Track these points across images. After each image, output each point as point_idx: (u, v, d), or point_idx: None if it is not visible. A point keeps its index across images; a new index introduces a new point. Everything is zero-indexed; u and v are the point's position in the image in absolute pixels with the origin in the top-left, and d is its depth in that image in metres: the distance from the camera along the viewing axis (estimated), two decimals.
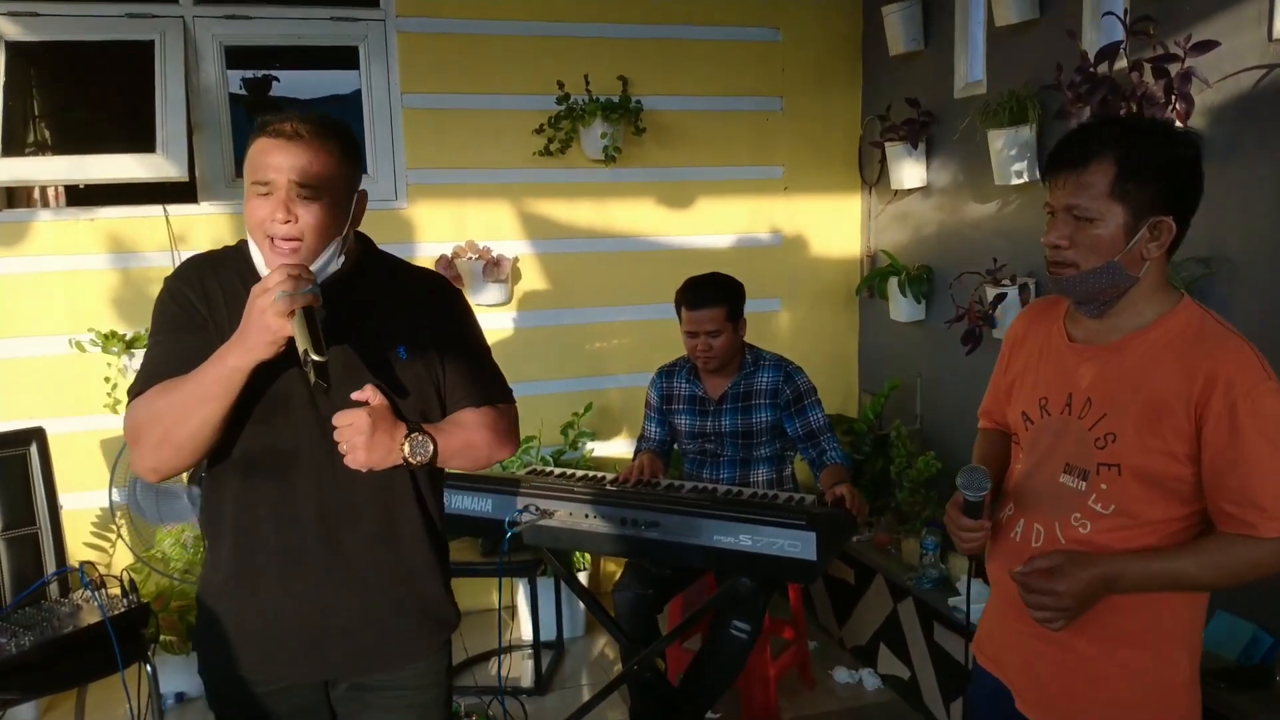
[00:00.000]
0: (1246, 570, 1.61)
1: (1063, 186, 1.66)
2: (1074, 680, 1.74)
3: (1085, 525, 1.70)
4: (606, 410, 4.47)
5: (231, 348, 1.59)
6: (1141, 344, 1.68)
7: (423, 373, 1.84)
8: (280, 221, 1.65)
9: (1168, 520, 1.66)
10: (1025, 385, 1.86)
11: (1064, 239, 1.66)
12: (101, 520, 3.95)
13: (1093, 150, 1.63)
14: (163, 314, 1.77)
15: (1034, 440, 1.82)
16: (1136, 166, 1.61)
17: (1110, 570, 1.63)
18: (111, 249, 3.88)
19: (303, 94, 7.22)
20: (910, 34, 4.13)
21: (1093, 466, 1.69)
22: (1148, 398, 1.64)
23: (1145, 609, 1.67)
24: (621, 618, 3.15)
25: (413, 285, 1.91)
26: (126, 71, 3.84)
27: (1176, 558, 1.63)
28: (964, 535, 1.83)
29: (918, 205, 4.26)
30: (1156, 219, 1.63)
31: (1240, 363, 1.59)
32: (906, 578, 3.56)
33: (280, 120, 1.68)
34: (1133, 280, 1.66)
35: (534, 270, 4.36)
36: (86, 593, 3.05)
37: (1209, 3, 2.79)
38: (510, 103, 4.23)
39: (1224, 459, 1.58)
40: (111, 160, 3.75)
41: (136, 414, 1.67)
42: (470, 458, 1.87)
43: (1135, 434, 1.64)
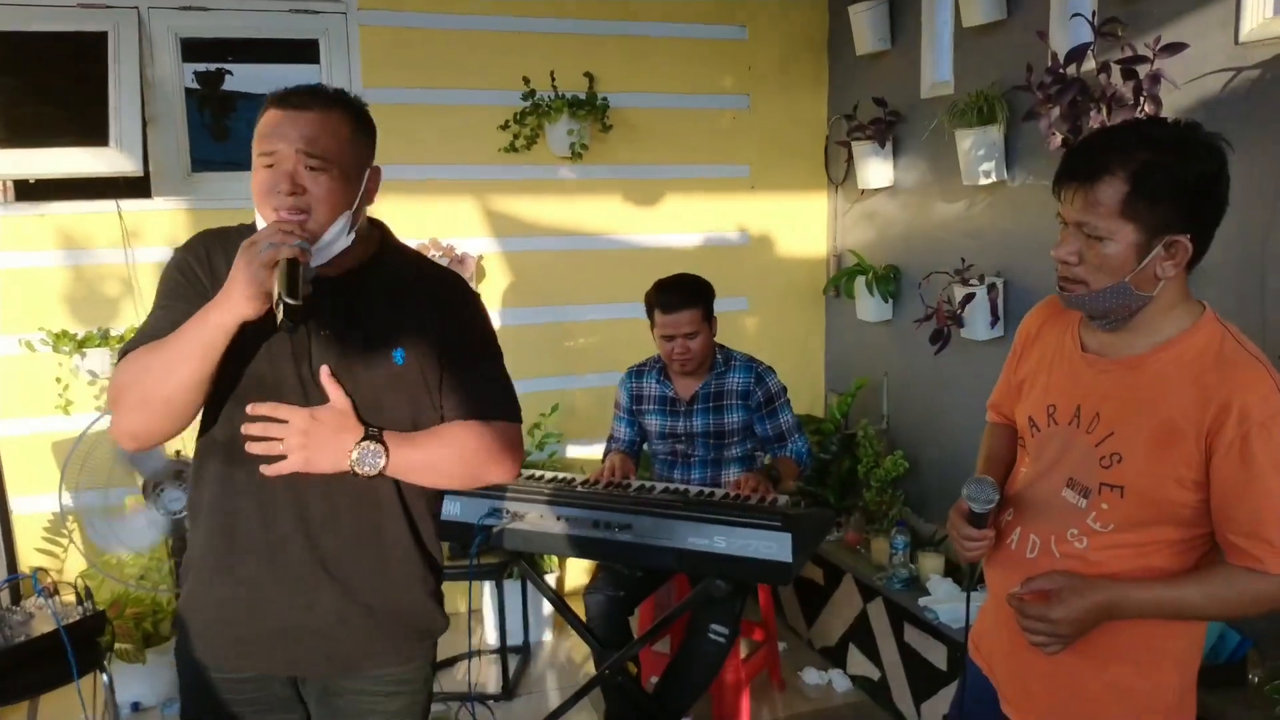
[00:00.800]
0: (1250, 604, 1.57)
1: (1071, 201, 1.58)
2: (1062, 694, 1.72)
3: (1082, 541, 1.66)
4: (573, 411, 4.43)
5: (216, 303, 1.56)
6: (1156, 363, 1.61)
7: (418, 378, 1.75)
8: (285, 193, 1.60)
9: (1168, 542, 1.62)
10: (1035, 388, 1.80)
11: (1073, 255, 1.59)
12: (53, 525, 3.83)
13: (1104, 165, 1.53)
14: (166, 282, 1.73)
15: (1039, 448, 1.77)
16: (1149, 185, 1.51)
17: (1111, 598, 1.60)
18: (63, 245, 3.76)
19: (257, 88, 7.10)
20: (877, 34, 4.12)
21: (1095, 485, 1.65)
22: (1159, 421, 1.58)
23: (1140, 627, 1.64)
24: (593, 621, 3.11)
25: (426, 284, 1.80)
26: (79, 63, 3.73)
27: (1180, 588, 1.59)
28: (967, 544, 1.78)
29: (885, 204, 4.26)
30: (1172, 238, 1.53)
31: (1257, 392, 1.52)
32: (876, 578, 3.55)
33: (290, 90, 1.65)
34: (1145, 299, 1.58)
35: (499, 269, 4.31)
36: (39, 600, 2.96)
37: (1176, 6, 2.80)
38: (475, 98, 4.17)
39: (1234, 490, 1.53)
40: (63, 154, 3.64)
41: (120, 374, 1.63)
42: (443, 476, 1.76)
43: (1143, 457, 1.59)
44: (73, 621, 2.85)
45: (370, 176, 1.72)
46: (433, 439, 1.74)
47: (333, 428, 1.65)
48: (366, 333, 1.72)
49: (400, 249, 1.85)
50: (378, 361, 1.72)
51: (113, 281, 3.81)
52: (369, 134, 1.74)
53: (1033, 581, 1.65)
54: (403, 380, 1.74)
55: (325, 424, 1.65)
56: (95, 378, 3.75)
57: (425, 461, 1.72)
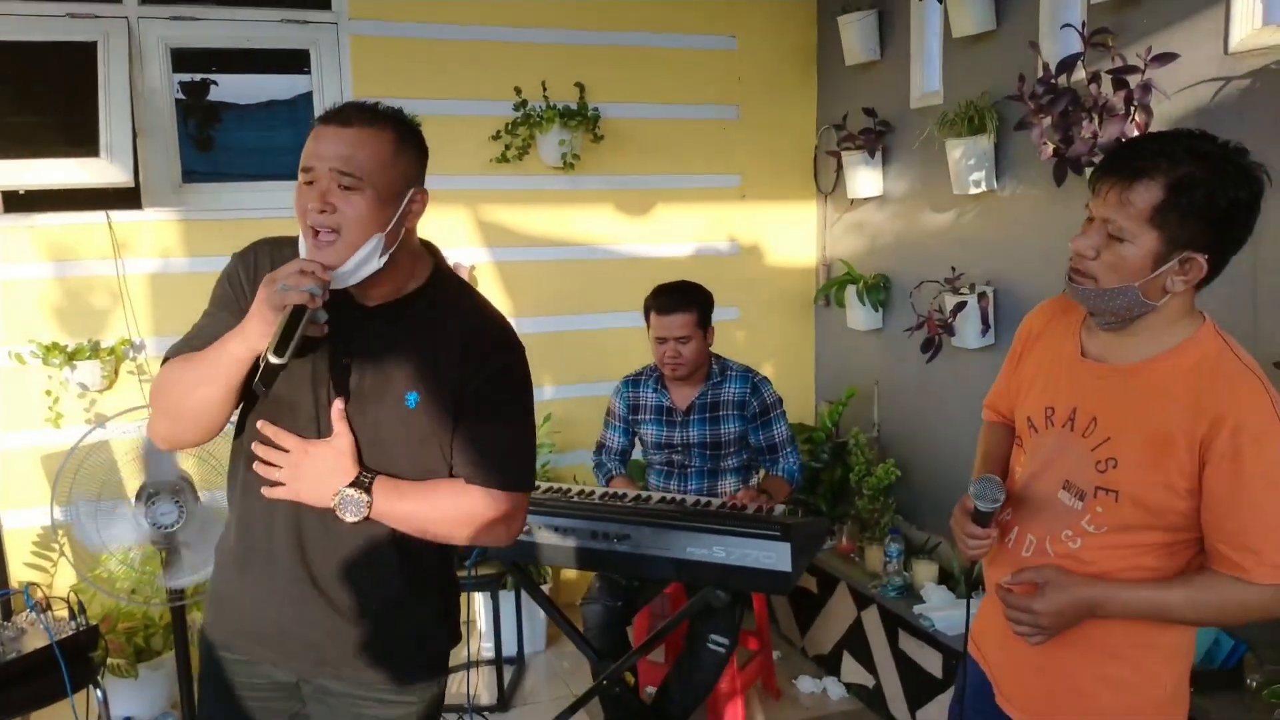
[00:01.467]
0: (1234, 612, 1.61)
1: (1104, 197, 1.58)
2: (1056, 688, 1.75)
3: (1075, 541, 1.69)
4: (565, 421, 4.42)
5: (236, 333, 1.58)
6: (1154, 372, 1.62)
7: (429, 425, 1.69)
8: (316, 211, 1.58)
9: (1157, 544, 1.64)
10: (1034, 389, 1.82)
11: (1091, 249, 1.59)
12: (42, 539, 3.79)
13: (1146, 169, 1.53)
14: (217, 288, 1.77)
15: (1036, 449, 1.79)
16: (1185, 199, 1.51)
17: (1094, 596, 1.63)
18: (52, 257, 3.73)
19: (242, 99, 7.08)
20: (866, 44, 4.15)
21: (1091, 489, 1.67)
22: (1154, 429, 1.59)
23: (1131, 623, 1.66)
24: (590, 631, 3.10)
25: (463, 329, 1.71)
26: (68, 74, 3.70)
27: (1164, 591, 1.62)
28: (970, 543, 1.79)
29: (874, 214, 4.28)
30: (1190, 255, 1.54)
31: (1251, 405, 1.54)
32: (871, 586, 3.56)
33: (340, 106, 1.64)
34: (1149, 308, 1.59)
35: (490, 278, 4.30)
36: (32, 615, 2.93)
37: (1165, 16, 2.84)
38: (466, 109, 4.17)
39: (1224, 501, 1.55)
40: (53, 165, 3.61)
41: (159, 378, 1.70)
42: (427, 533, 1.71)
43: (1137, 464, 1.61)
44: (66, 636, 2.83)
45: (413, 198, 1.67)
46: (425, 496, 1.69)
47: (325, 465, 1.65)
48: (385, 369, 1.69)
49: (449, 284, 1.78)
50: (390, 401, 1.68)
51: (103, 293, 3.79)
52: (415, 154, 1.70)
53: (1022, 574, 1.69)
54: (412, 424, 1.69)
55: (318, 460, 1.65)
56: (86, 390, 3.72)
57: (409, 517, 1.69)
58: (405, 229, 1.68)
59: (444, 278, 1.78)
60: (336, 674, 1.77)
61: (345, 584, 1.73)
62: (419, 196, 1.70)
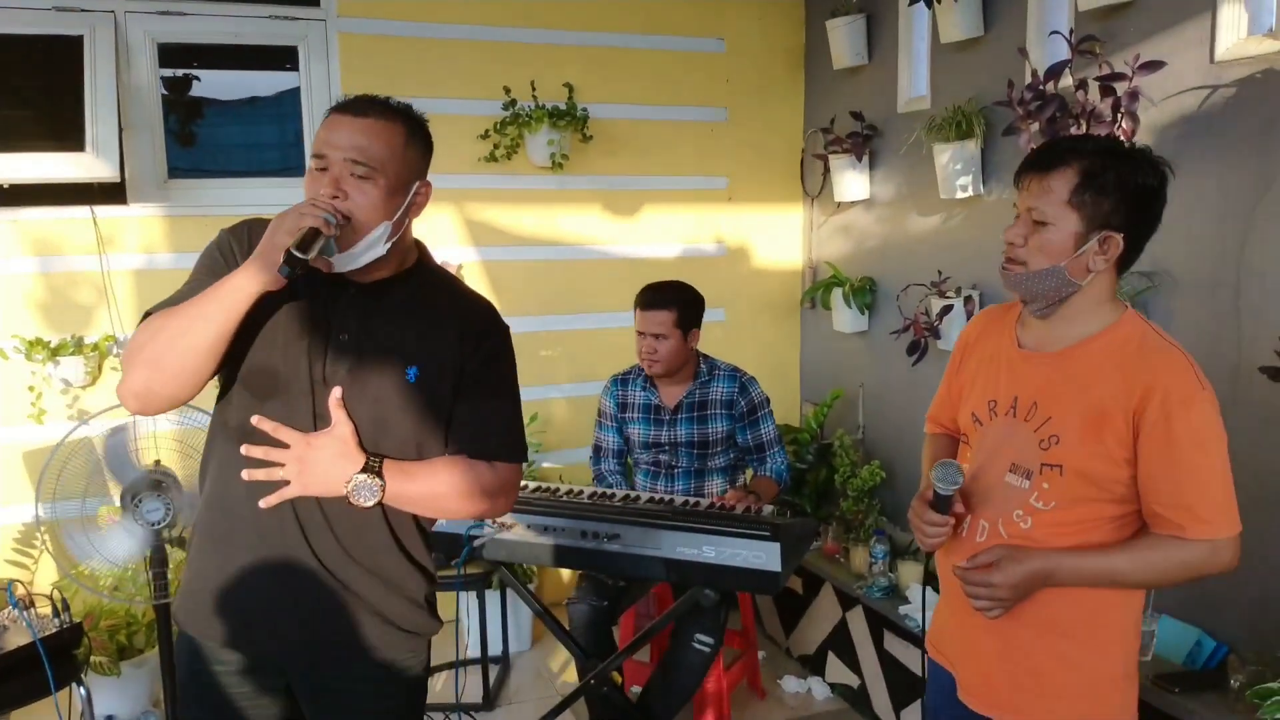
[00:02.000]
0: (1175, 570, 1.72)
1: (1028, 189, 1.75)
2: (1016, 671, 1.83)
3: (1026, 521, 1.79)
4: (551, 421, 4.43)
5: (240, 269, 1.59)
6: (1086, 353, 1.77)
7: (429, 400, 1.74)
8: (329, 196, 1.62)
9: (1104, 519, 1.75)
10: (976, 389, 1.94)
11: (1020, 238, 1.76)
12: (24, 536, 3.76)
13: (1060, 159, 1.72)
14: (203, 258, 1.76)
15: (982, 440, 1.91)
16: (1097, 181, 1.69)
17: (1046, 565, 1.74)
18: (36, 251, 3.70)
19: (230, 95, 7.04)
20: (854, 48, 4.17)
21: (1036, 467, 1.78)
22: (1090, 404, 1.72)
23: (1083, 603, 1.77)
24: (576, 631, 3.11)
25: (458, 308, 1.80)
26: (54, 68, 3.67)
27: (1110, 556, 1.73)
28: (929, 530, 1.89)
29: (861, 217, 4.31)
30: (1107, 234, 1.71)
31: (1176, 375, 1.68)
32: (856, 586, 3.58)
33: (354, 97, 1.69)
34: (1075, 287, 1.74)
35: (478, 278, 4.30)
36: (14, 612, 2.90)
37: (1152, 24, 2.87)
38: (455, 107, 4.16)
39: (1158, 465, 1.68)
40: (38, 159, 3.58)
41: (138, 334, 1.65)
42: (435, 510, 1.78)
43: (1078, 438, 1.73)
44: (49, 634, 2.80)
45: (419, 190, 1.74)
46: (431, 474, 1.73)
47: (331, 454, 1.65)
48: (385, 343, 1.72)
49: (436, 270, 1.86)
50: (390, 374, 1.71)
51: (87, 289, 3.76)
52: (423, 148, 1.76)
53: (977, 558, 1.80)
54: (412, 398, 1.73)
55: (322, 451, 1.65)
56: (69, 386, 3.69)
57: (420, 496, 1.73)
58: (408, 220, 1.74)
59: (432, 265, 1.86)
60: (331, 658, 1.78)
61: (341, 560, 1.74)
62: (424, 189, 1.76)
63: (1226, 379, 2.65)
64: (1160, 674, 2.55)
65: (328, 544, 1.73)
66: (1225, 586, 2.67)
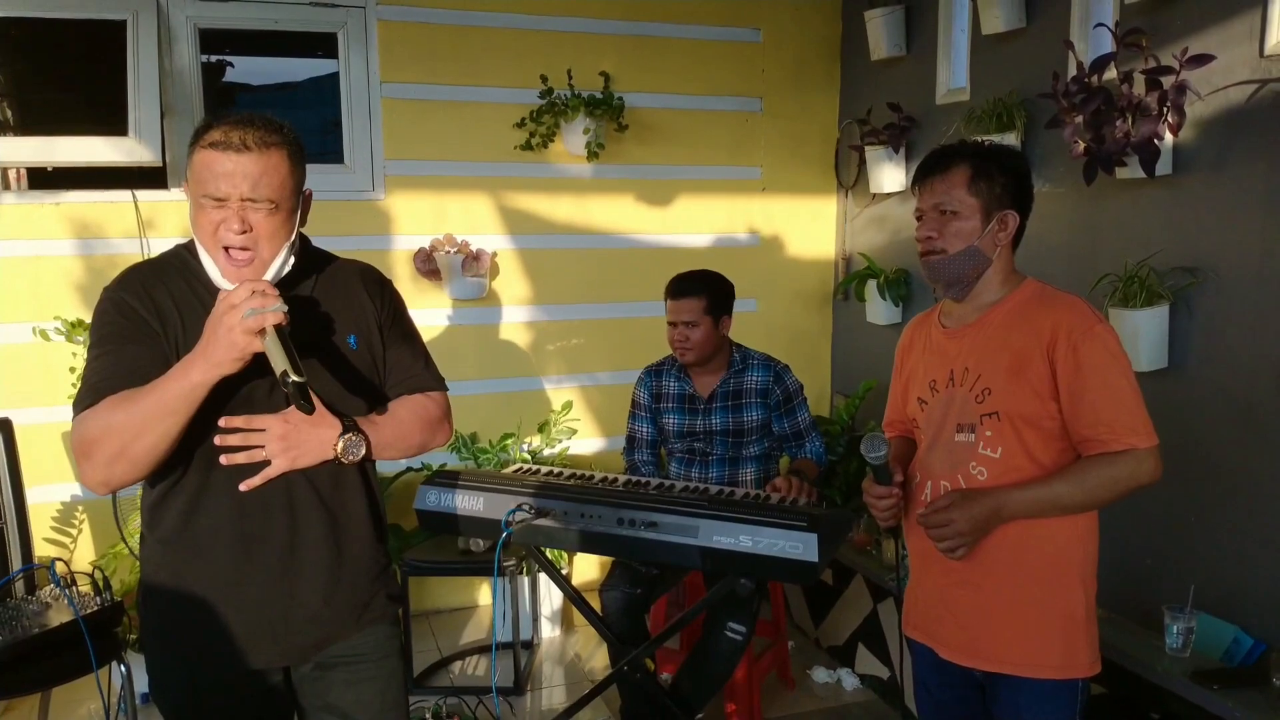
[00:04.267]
0: (1107, 484, 1.90)
1: (930, 189, 2.02)
2: (991, 619, 2.00)
3: (982, 473, 1.99)
4: (585, 408, 4.44)
5: (195, 363, 1.57)
6: (998, 315, 2.02)
7: (370, 360, 1.90)
8: (236, 232, 1.66)
9: (1050, 458, 1.95)
10: (916, 379, 2.17)
11: (934, 231, 2.01)
12: (63, 514, 3.82)
13: (951, 159, 2.01)
14: (105, 325, 1.72)
15: (929, 417, 2.11)
16: (985, 169, 1.99)
17: (997, 500, 1.93)
18: (78, 234, 3.75)
19: (264, 81, 7.09)
20: (893, 39, 4.16)
21: (977, 419, 1.99)
22: (1011, 353, 1.96)
23: (1044, 545, 1.96)
24: (610, 618, 3.12)
25: (349, 276, 1.93)
26: (97, 52, 3.71)
27: (1050, 483, 1.92)
28: (877, 504, 2.11)
29: (896, 209, 4.29)
30: (1004, 212, 2.00)
31: (1075, 313, 1.93)
32: (887, 578, 3.58)
33: (224, 131, 1.65)
34: (988, 262, 2.01)
35: (513, 265, 4.32)
36: (56, 590, 2.95)
37: (1200, 17, 2.84)
38: (492, 95, 4.18)
39: (1074, 391, 1.90)
40: (82, 143, 3.63)
41: (87, 428, 1.62)
42: (403, 449, 1.92)
43: (1006, 384, 1.96)
44: (91, 612, 2.84)
45: (304, 201, 1.80)
46: (394, 419, 1.89)
47: (311, 423, 1.73)
48: (323, 324, 1.83)
49: (316, 251, 1.93)
50: (336, 350, 1.83)
51: None
52: (302, 162, 1.77)
53: (932, 504, 1.99)
54: (361, 361, 1.87)
55: (303, 422, 1.71)
56: None
57: (393, 439, 1.87)
58: None
59: (310, 246, 1.92)
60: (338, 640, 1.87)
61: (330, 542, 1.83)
62: (306, 199, 1.81)
63: (1270, 375, 2.63)
64: (1198, 670, 2.54)
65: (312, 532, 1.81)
66: (1265, 583, 2.66)
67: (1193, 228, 2.88)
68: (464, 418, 4.19)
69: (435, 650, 3.99)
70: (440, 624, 4.27)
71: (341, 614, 1.87)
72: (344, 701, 1.90)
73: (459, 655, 3.96)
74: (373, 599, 1.93)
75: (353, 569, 1.88)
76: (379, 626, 1.94)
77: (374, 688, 1.92)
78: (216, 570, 1.77)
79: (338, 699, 1.90)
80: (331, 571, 1.84)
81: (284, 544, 1.78)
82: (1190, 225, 2.89)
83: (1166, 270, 2.92)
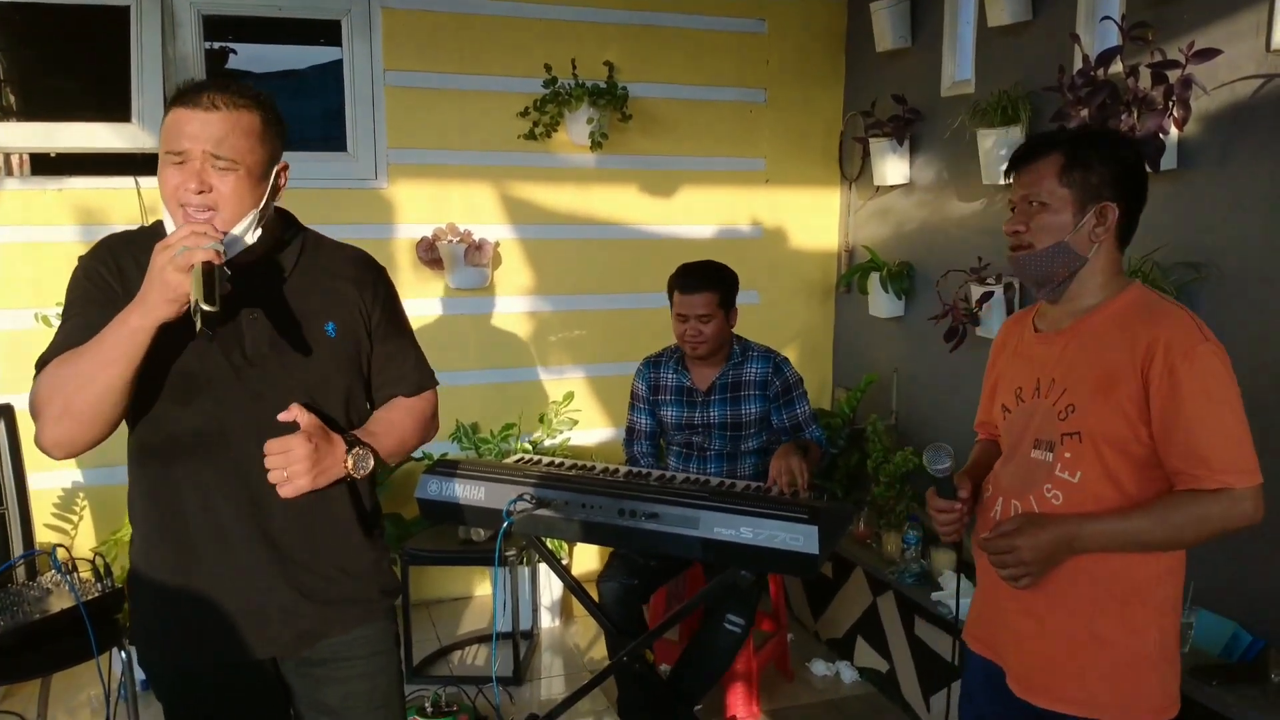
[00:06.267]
0: (1196, 524, 1.70)
1: (1021, 179, 1.87)
2: (1055, 653, 1.84)
3: (1057, 497, 1.82)
4: (585, 399, 4.44)
5: (133, 308, 1.54)
6: (1093, 323, 1.84)
7: (350, 351, 1.84)
8: (194, 191, 1.61)
9: (1134, 487, 1.76)
10: (1004, 382, 2.02)
11: (1021, 224, 1.85)
12: (64, 501, 3.82)
13: (1043, 147, 1.85)
14: (75, 290, 1.71)
15: (1009, 427, 1.96)
16: (1081, 157, 1.81)
17: (1068, 530, 1.76)
18: (80, 220, 3.74)
19: (267, 68, 7.06)
20: (898, 31, 4.14)
21: (1057, 437, 1.82)
22: (1101, 368, 1.78)
23: (1120, 582, 1.78)
24: (608, 608, 3.12)
25: (340, 261, 1.88)
26: (100, 38, 3.71)
27: (1131, 517, 1.73)
28: (939, 517, 1.97)
29: (900, 201, 4.28)
30: (1102, 204, 1.81)
31: (1178, 328, 1.73)
32: (887, 572, 3.58)
33: (196, 90, 1.64)
34: (1082, 260, 1.83)
35: (515, 255, 4.31)
36: (56, 575, 2.95)
37: (1206, 12, 2.83)
38: (496, 84, 4.17)
39: (1169, 417, 1.70)
40: (85, 129, 3.62)
41: (40, 387, 1.61)
42: (403, 454, 1.92)
43: (1092, 401, 1.78)
44: (92, 598, 2.84)
45: (279, 173, 1.74)
46: (389, 425, 1.88)
47: (324, 445, 1.70)
48: (299, 308, 1.77)
49: (306, 232, 1.88)
50: (314, 335, 1.78)
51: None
52: (278, 130, 1.73)
53: (998, 527, 1.83)
54: (338, 350, 1.81)
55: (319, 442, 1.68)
56: None
57: (393, 446, 1.87)
58: (272, 204, 1.75)
59: (300, 227, 1.88)
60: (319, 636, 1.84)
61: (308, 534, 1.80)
62: (283, 171, 1.75)
63: (1274, 370, 2.62)
64: (1197, 666, 2.54)
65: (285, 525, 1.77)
66: (1263, 580, 2.65)
67: (1197, 223, 2.87)
68: (465, 408, 4.20)
69: (435, 639, 4.00)
70: (440, 613, 4.28)
71: (324, 609, 1.83)
72: (333, 698, 1.88)
73: (458, 644, 3.97)
74: (361, 595, 1.89)
75: (332, 564, 1.84)
76: (372, 624, 1.91)
77: (364, 685, 1.90)
78: (195, 564, 1.75)
79: (327, 696, 1.88)
80: (305, 567, 1.80)
81: (252, 539, 1.75)
82: (1195, 220, 2.88)
83: (1170, 265, 2.91)
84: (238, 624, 1.78)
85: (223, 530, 1.74)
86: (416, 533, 3.87)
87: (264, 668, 1.85)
